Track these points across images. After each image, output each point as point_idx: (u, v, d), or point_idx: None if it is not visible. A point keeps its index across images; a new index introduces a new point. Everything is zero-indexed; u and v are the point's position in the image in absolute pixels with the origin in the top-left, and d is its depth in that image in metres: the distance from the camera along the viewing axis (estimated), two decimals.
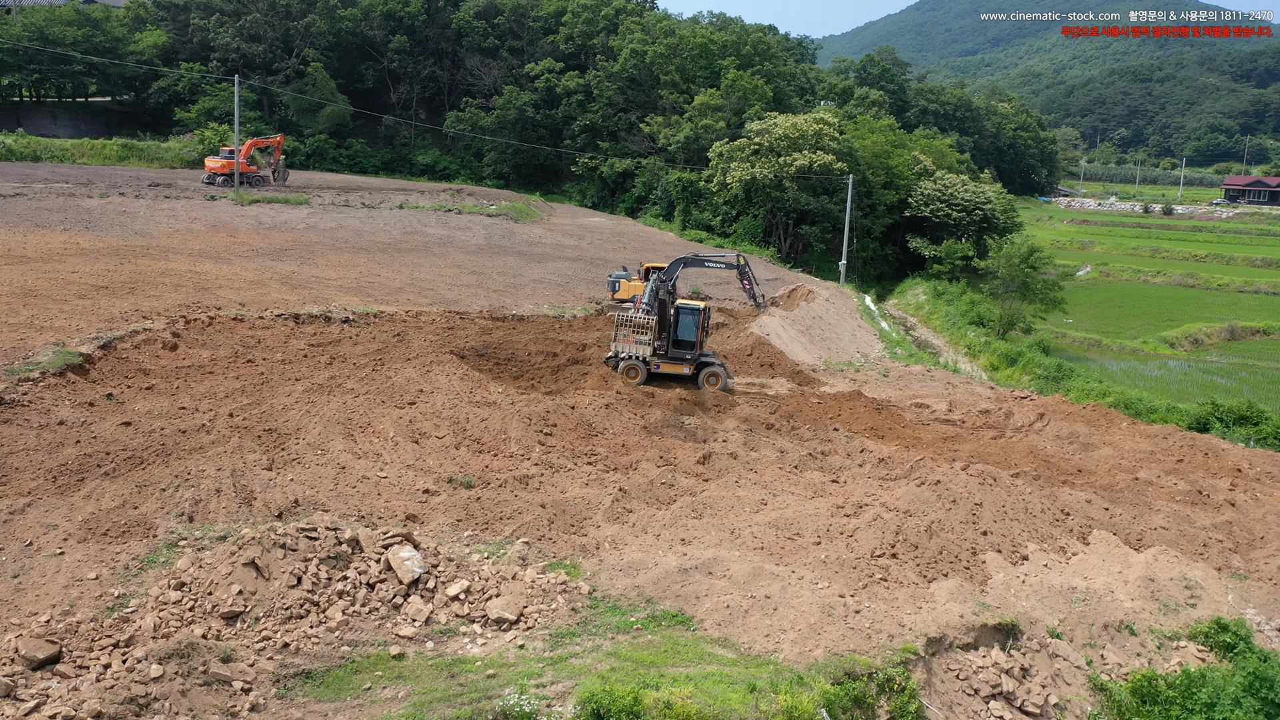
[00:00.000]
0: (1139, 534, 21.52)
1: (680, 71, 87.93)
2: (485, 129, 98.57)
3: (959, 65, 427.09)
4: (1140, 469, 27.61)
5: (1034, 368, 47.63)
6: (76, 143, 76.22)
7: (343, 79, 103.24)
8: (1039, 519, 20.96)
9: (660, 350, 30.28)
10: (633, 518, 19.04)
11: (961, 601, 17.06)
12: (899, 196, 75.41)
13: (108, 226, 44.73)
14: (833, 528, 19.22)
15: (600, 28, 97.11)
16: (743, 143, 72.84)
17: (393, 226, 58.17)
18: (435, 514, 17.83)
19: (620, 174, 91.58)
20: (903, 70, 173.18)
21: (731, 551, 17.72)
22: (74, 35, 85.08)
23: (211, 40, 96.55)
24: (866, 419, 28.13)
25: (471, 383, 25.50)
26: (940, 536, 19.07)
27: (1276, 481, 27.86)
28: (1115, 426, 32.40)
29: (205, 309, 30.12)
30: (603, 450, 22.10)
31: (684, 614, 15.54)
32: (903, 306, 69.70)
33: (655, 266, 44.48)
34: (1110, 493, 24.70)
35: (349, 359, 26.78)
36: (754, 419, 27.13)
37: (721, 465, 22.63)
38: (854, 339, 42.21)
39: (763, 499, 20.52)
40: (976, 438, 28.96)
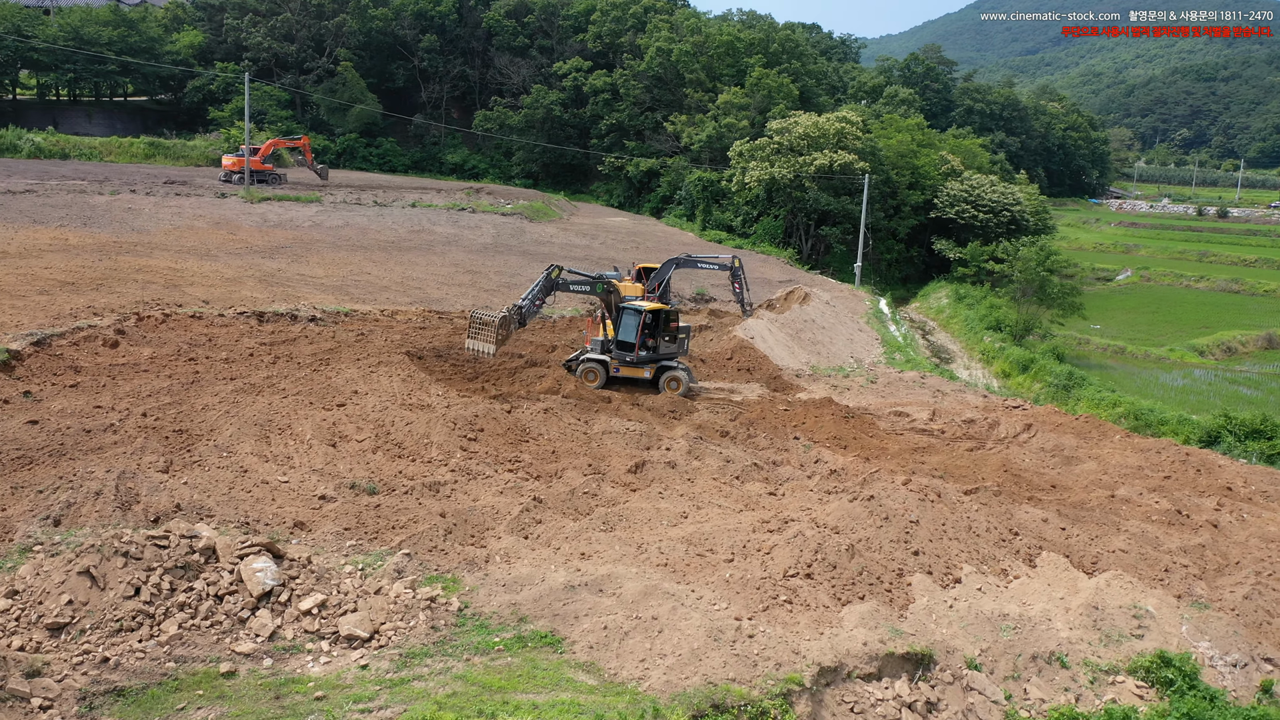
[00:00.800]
0: (1094, 557, 20.10)
1: (706, 70, 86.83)
2: (513, 128, 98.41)
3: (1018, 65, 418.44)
4: (1122, 485, 26.04)
5: (1045, 375, 45.79)
6: (105, 141, 77.48)
7: (374, 78, 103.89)
8: (983, 539, 19.68)
9: (638, 352, 29.40)
10: (540, 529, 18.19)
11: (872, 627, 15.93)
12: (925, 197, 73.48)
13: (107, 223, 45.07)
14: (750, 544, 18.18)
15: (629, 26, 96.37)
16: (763, 142, 71.55)
17: (400, 225, 58.01)
18: (325, 521, 17.15)
19: (645, 174, 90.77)
20: (949, 69, 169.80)
21: (630, 568, 16.79)
22: (109, 35, 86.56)
23: (244, 40, 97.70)
24: (831, 428, 26.92)
25: (413, 385, 24.86)
26: (864, 556, 17.91)
27: (1271, 501, 26.10)
28: (1107, 439, 30.75)
29: (165, 306, 29.92)
30: (528, 457, 21.28)
31: (556, 635, 14.65)
32: (924, 310, 67.86)
33: (648, 267, 43.56)
34: (1078, 510, 23.25)
35: (295, 358, 26.32)
36: (709, 426, 26.11)
37: (655, 475, 21.67)
38: (850, 343, 40.84)
39: (685, 512, 19.53)
40: (950, 449, 27.61)
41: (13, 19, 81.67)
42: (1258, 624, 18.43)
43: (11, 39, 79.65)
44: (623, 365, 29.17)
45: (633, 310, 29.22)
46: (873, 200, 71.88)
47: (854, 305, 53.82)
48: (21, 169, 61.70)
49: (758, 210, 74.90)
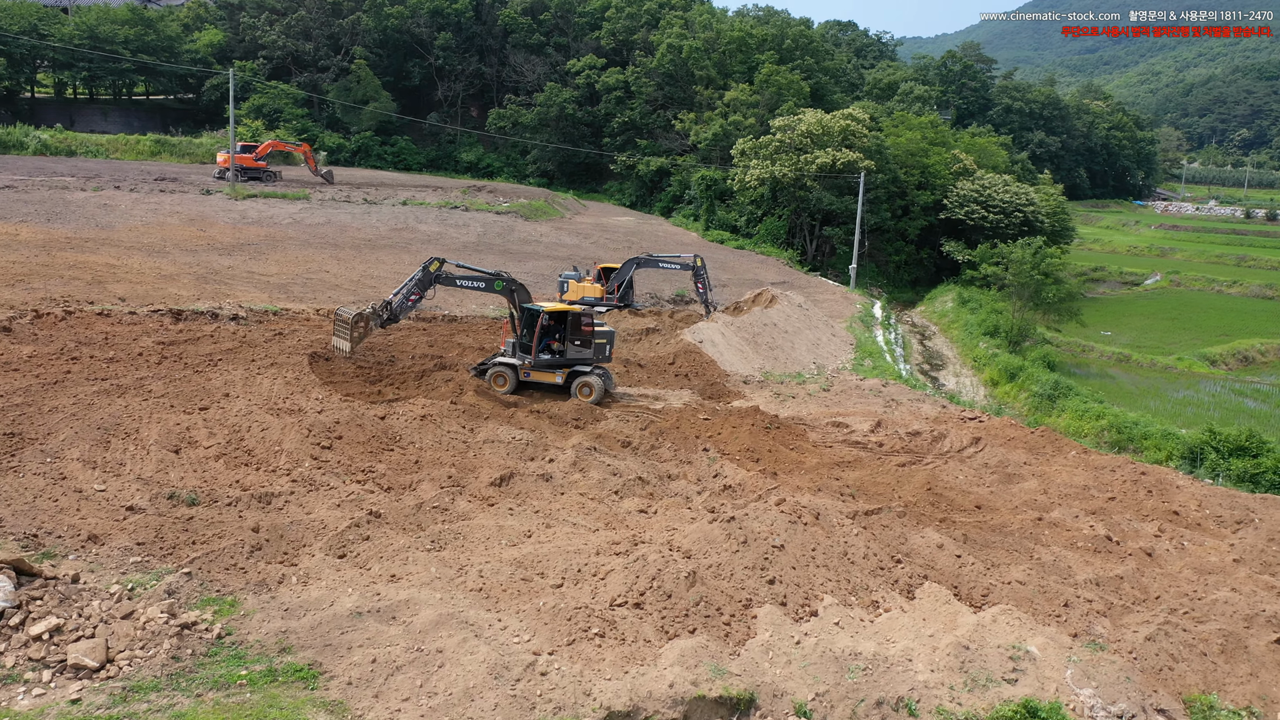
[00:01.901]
0: (985, 589, 18.29)
1: (718, 67, 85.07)
2: (526, 127, 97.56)
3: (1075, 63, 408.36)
4: (1058, 507, 24.07)
5: (1031, 384, 43.56)
6: (112, 138, 78.10)
7: (390, 76, 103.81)
8: (857, 566, 17.98)
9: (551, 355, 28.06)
10: (362, 547, 16.91)
11: (691, 666, 14.39)
12: (935, 198, 71.03)
13: (73, 219, 44.85)
14: (587, 568, 16.73)
15: (643, 22, 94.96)
16: (765, 140, 69.69)
17: (384, 223, 57.28)
18: (121, 535, 16.03)
19: (656, 173, 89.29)
20: (987, 67, 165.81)
21: (436, 593, 15.44)
22: (125, 34, 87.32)
23: (260, 38, 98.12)
24: (747, 440, 25.28)
25: (295, 388, 23.75)
26: (708, 584, 16.35)
27: (1222, 528, 23.93)
28: (1061, 455, 28.67)
29: (77, 303, 29.25)
30: (384, 467, 20.02)
31: (316, 668, 13.34)
32: (928, 314, 65.55)
33: (609, 267, 42.34)
34: (992, 535, 21.40)
35: (185, 359, 25.37)
36: (611, 435, 24.63)
37: (521, 489, 20.28)
38: (815, 349, 39.01)
39: (531, 530, 18.11)
40: (879, 464, 25.81)
41: (30, 17, 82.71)
42: (1157, 669, 16.52)
43: (27, 39, 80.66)
44: (533, 370, 27.76)
45: (531, 311, 27.80)
46: (879, 200, 69.69)
47: (840, 308, 51.91)
48: (17, 165, 62.15)
49: (762, 210, 73.06)
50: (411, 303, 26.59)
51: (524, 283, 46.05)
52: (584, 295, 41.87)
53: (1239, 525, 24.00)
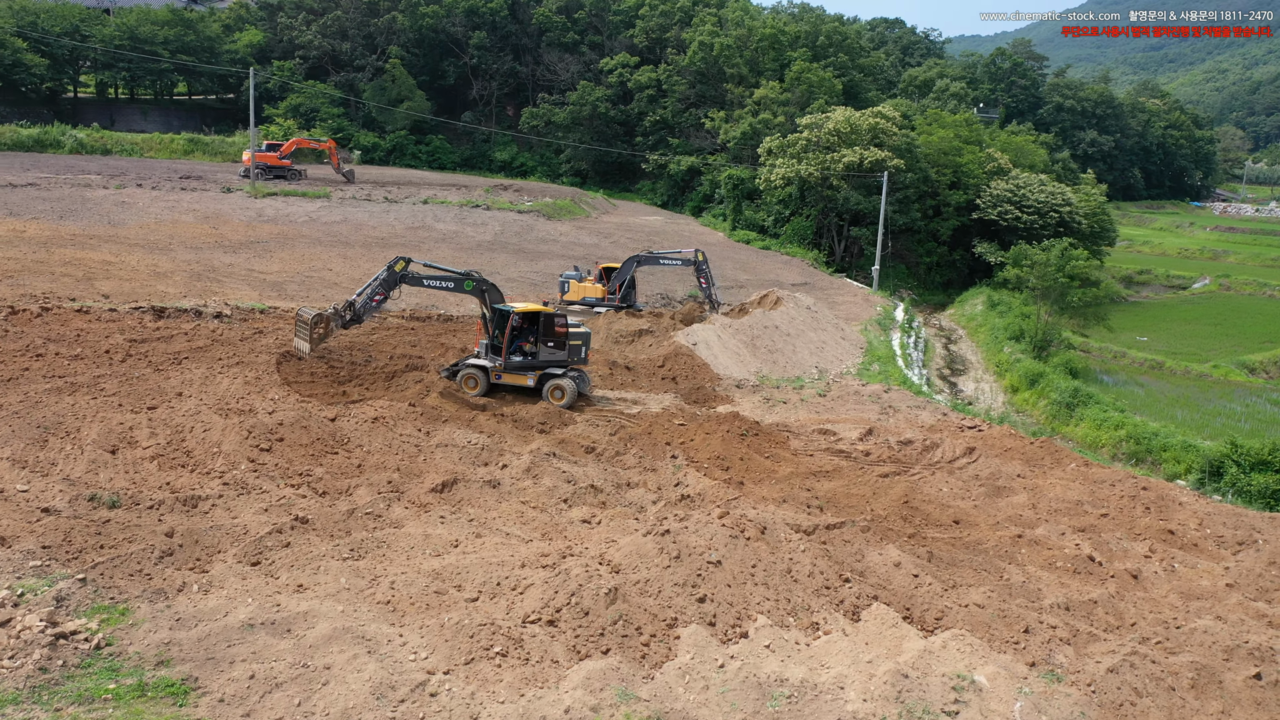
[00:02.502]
0: (940, 611, 17.16)
1: (750, 64, 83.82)
2: (558, 125, 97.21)
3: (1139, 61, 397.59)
4: (1045, 523, 22.78)
5: (1050, 391, 41.89)
6: (147, 137, 79.26)
7: (426, 75, 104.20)
8: (801, 585, 16.99)
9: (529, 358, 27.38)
10: (280, 555, 16.35)
11: (596, 690, 13.58)
12: (968, 197, 69.09)
13: (85, 216, 45.32)
14: (507, 581, 15.98)
15: (676, 20, 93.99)
16: (793, 138, 68.38)
17: (401, 221, 57.17)
18: (29, 537, 15.66)
19: (687, 172, 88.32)
20: (1038, 65, 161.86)
21: (339, 605, 14.81)
22: (164, 35, 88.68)
23: (297, 38, 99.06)
24: (719, 447, 24.33)
25: (252, 388, 23.37)
26: (630, 602, 15.50)
27: (1221, 549, 22.44)
28: (1060, 467, 27.26)
29: (58, 299, 29.28)
30: (323, 471, 19.47)
31: (191, 682, 12.77)
32: (957, 317, 63.76)
33: (610, 267, 41.57)
34: (962, 553, 20.23)
35: (151, 357, 25.14)
36: (574, 440, 23.86)
37: (463, 495, 19.60)
38: (820, 352, 37.83)
39: (460, 539, 17.42)
40: (859, 474, 24.68)
41: (73, 19, 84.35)
42: (1117, 704, 15.29)
43: (69, 40, 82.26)
44: (505, 372, 27.06)
45: (502, 312, 27.08)
46: (909, 200, 67.97)
47: (858, 311, 50.56)
48: (49, 163, 63.25)
49: (790, 210, 71.74)
50: (376, 303, 26.04)
51: (532, 284, 45.77)
52: (585, 295, 41.17)
53: (1240, 546, 22.51)
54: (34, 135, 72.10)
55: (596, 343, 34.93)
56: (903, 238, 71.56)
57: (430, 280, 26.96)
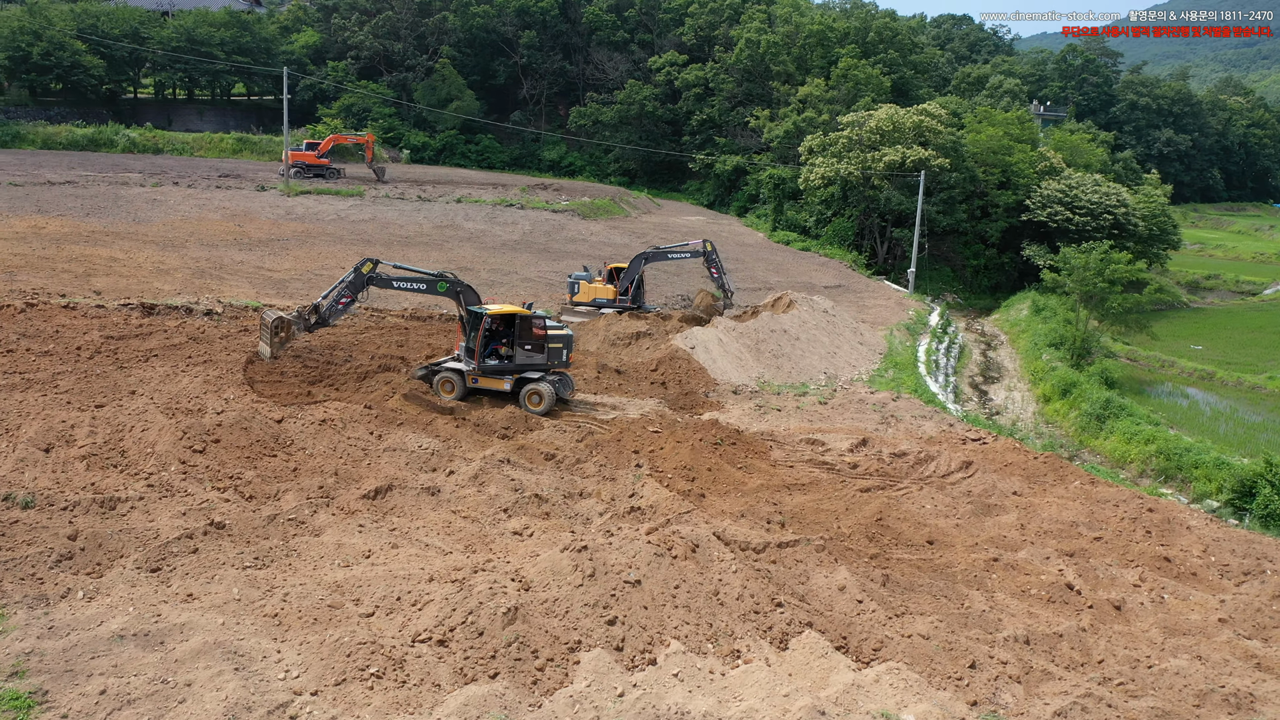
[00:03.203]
0: (880, 641, 15.92)
1: (797, 62, 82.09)
2: (606, 124, 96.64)
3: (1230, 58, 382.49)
4: (1030, 545, 21.25)
5: (1082, 402, 39.75)
6: (197, 136, 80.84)
7: (477, 75, 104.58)
8: (727, 609, 15.90)
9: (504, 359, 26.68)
10: (182, 561, 15.85)
11: (472, 718, 12.73)
12: (1017, 198, 66.48)
13: (111, 213, 46.07)
14: (408, 596, 15.23)
15: (725, 17, 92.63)
16: (834, 136, 66.64)
17: (430, 220, 57.09)
18: None
19: (733, 171, 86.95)
20: (1112, 61, 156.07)
21: (221, 617, 14.21)
22: (221, 37, 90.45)
23: (349, 39, 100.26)
24: (688, 456, 23.27)
25: (210, 387, 23.06)
26: (531, 622, 14.62)
27: (1226, 578, 20.66)
28: (1062, 484, 25.57)
29: (48, 295, 29.49)
30: (254, 474, 18.97)
31: (39, 696, 12.25)
32: (1001, 322, 61.34)
33: (618, 267, 40.68)
34: (927, 576, 18.89)
35: (122, 354, 25.04)
36: (534, 447, 23.03)
37: (397, 502, 18.93)
38: (831, 358, 36.39)
39: (373, 549, 16.72)
40: (839, 488, 23.39)
41: (132, 21, 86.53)
42: None
43: (127, 42, 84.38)
44: (480, 376, 26.32)
45: (476, 314, 26.31)
46: (954, 200, 65.69)
47: (888, 315, 48.82)
48: (96, 162, 64.78)
49: (832, 210, 69.95)
50: (342, 306, 25.50)
51: (548, 284, 45.09)
52: (596, 296, 40.28)
53: (1245, 577, 20.71)
54: (88, 134, 74.07)
55: (593, 345, 34.11)
56: (949, 239, 69.23)
57: (400, 282, 26.35)
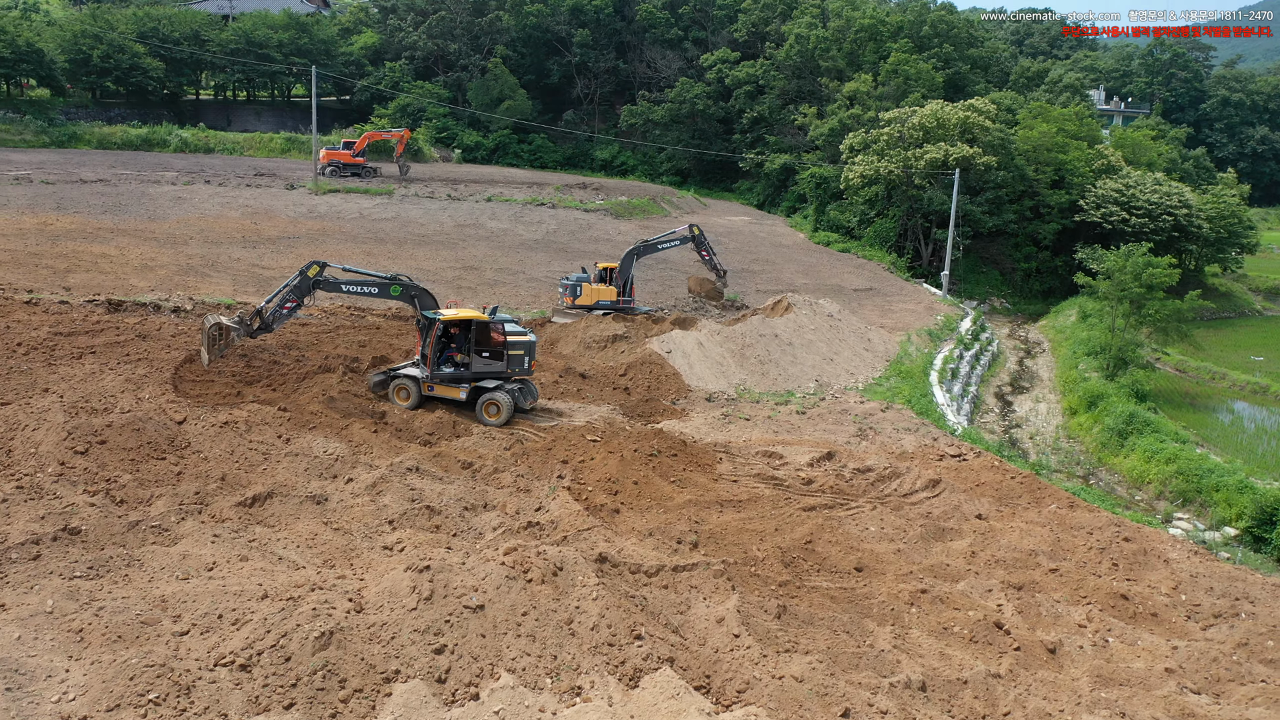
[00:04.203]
0: (746, 683, 14.39)
1: (848, 58, 79.56)
2: (656, 123, 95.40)
3: None
4: (975, 575, 19.38)
5: (1106, 416, 37.05)
6: (248, 136, 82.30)
7: (531, 74, 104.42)
8: (578, 640, 14.55)
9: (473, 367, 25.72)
10: (21, 568, 15.23)
11: None
12: (1071, 198, 63.03)
13: (129, 211, 46.76)
14: (232, 614, 14.30)
15: (778, 12, 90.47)
16: (875, 133, 64.20)
17: (453, 219, 56.72)
18: None
19: (781, 170, 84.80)
20: (1203, 55, 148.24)
21: (18, 630, 13.46)
22: (280, 39, 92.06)
23: (403, 39, 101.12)
24: (616, 467, 21.92)
25: (131, 385, 22.62)
26: (347, 648, 13.52)
27: (1192, 620, 18.44)
28: (1037, 507, 23.45)
29: (15, 290, 29.62)
30: (130, 478, 18.32)
31: None
32: (1048, 329, 58.26)
33: (609, 267, 39.45)
34: (835, 607, 17.26)
35: (60, 350, 24.80)
36: (452, 455, 21.97)
37: (274, 511, 18.08)
38: (827, 364, 34.50)
39: (218, 561, 15.86)
40: (781, 505, 21.77)
41: (192, 24, 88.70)
42: None
43: (187, 45, 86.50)
44: (434, 383, 25.35)
45: (428, 320, 25.32)
46: (1002, 201, 62.66)
47: (912, 320, 46.48)
48: (141, 161, 66.31)
49: (875, 210, 67.48)
50: (286, 311, 24.78)
51: (554, 284, 44.08)
52: (600, 299, 39.10)
53: (1214, 620, 18.48)
54: (143, 135, 76.01)
55: (569, 348, 32.97)
56: (998, 241, 66.15)
57: (350, 286, 25.56)
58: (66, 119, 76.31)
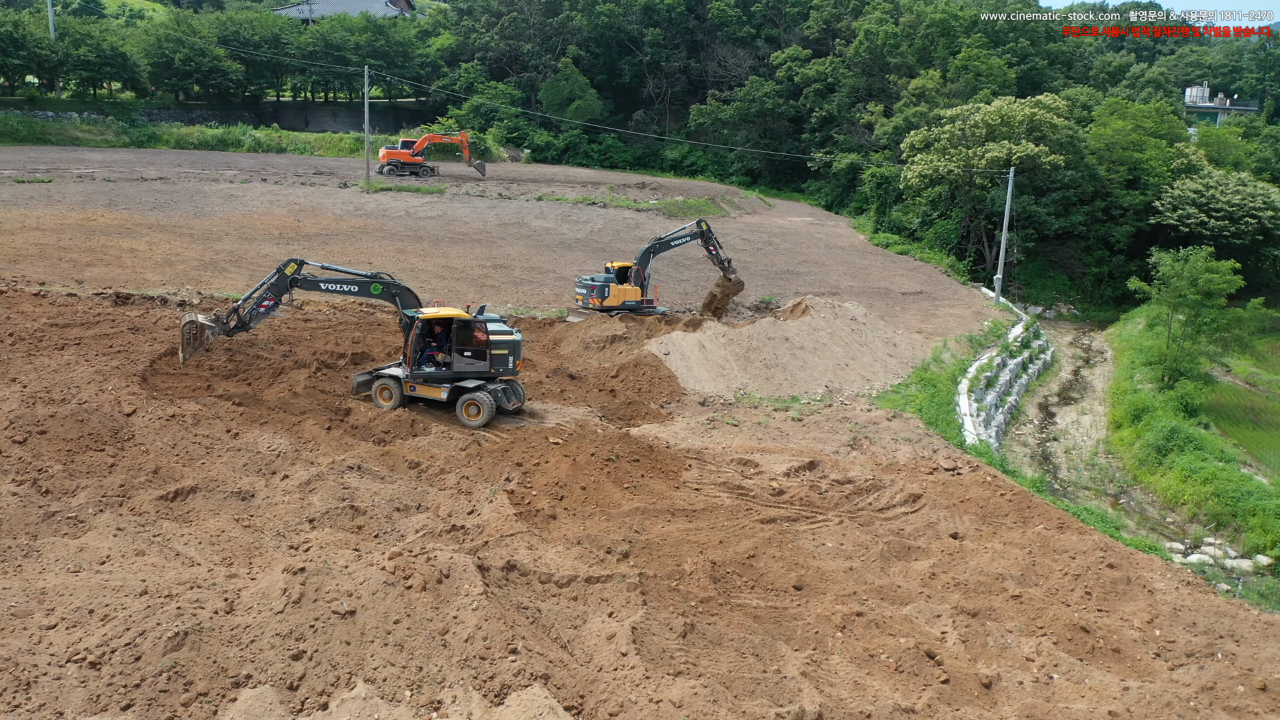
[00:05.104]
0: (619, 705, 13.57)
1: (919, 54, 77.00)
2: (725, 122, 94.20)
3: None
4: (929, 599, 18.11)
5: (1147, 431, 34.68)
6: (319, 137, 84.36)
7: (603, 74, 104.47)
8: (451, 651, 13.94)
9: None
10: None
11: None
12: (1147, 199, 59.53)
13: (176, 208, 48.19)
14: (104, 610, 14.19)
15: (849, 8, 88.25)
16: (936, 131, 61.86)
17: (498, 218, 56.82)
18: None
19: (849, 170, 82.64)
20: None
21: None
22: (357, 41, 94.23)
23: (476, 41, 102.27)
24: (567, 472, 21.23)
25: (100, 377, 22.95)
26: (201, 650, 13.22)
27: (1161, 658, 16.77)
28: (1023, 527, 21.85)
29: (27, 282, 30.61)
30: (61, 468, 18.46)
31: None
32: (1115, 337, 55.14)
33: (624, 266, 38.75)
34: (755, 628, 16.25)
35: (45, 342, 25.42)
36: (401, 454, 21.60)
37: (193, 506, 17.99)
38: (841, 370, 33.05)
39: (112, 555, 15.79)
40: (739, 517, 20.77)
41: (272, 28, 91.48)
42: None
43: (267, 50, 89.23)
44: (416, 383, 25.06)
45: (408, 318, 25.02)
46: (1069, 201, 59.61)
47: (954, 325, 44.47)
48: (208, 160, 68.51)
49: (938, 212, 65.04)
50: (264, 310, 24.81)
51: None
52: (626, 299, 38.47)
53: (1186, 659, 16.80)
54: (218, 135, 78.63)
55: (568, 349, 32.42)
56: (1068, 244, 62.99)
57: (329, 284, 25.48)
58: (148, 120, 79.46)
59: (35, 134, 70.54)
